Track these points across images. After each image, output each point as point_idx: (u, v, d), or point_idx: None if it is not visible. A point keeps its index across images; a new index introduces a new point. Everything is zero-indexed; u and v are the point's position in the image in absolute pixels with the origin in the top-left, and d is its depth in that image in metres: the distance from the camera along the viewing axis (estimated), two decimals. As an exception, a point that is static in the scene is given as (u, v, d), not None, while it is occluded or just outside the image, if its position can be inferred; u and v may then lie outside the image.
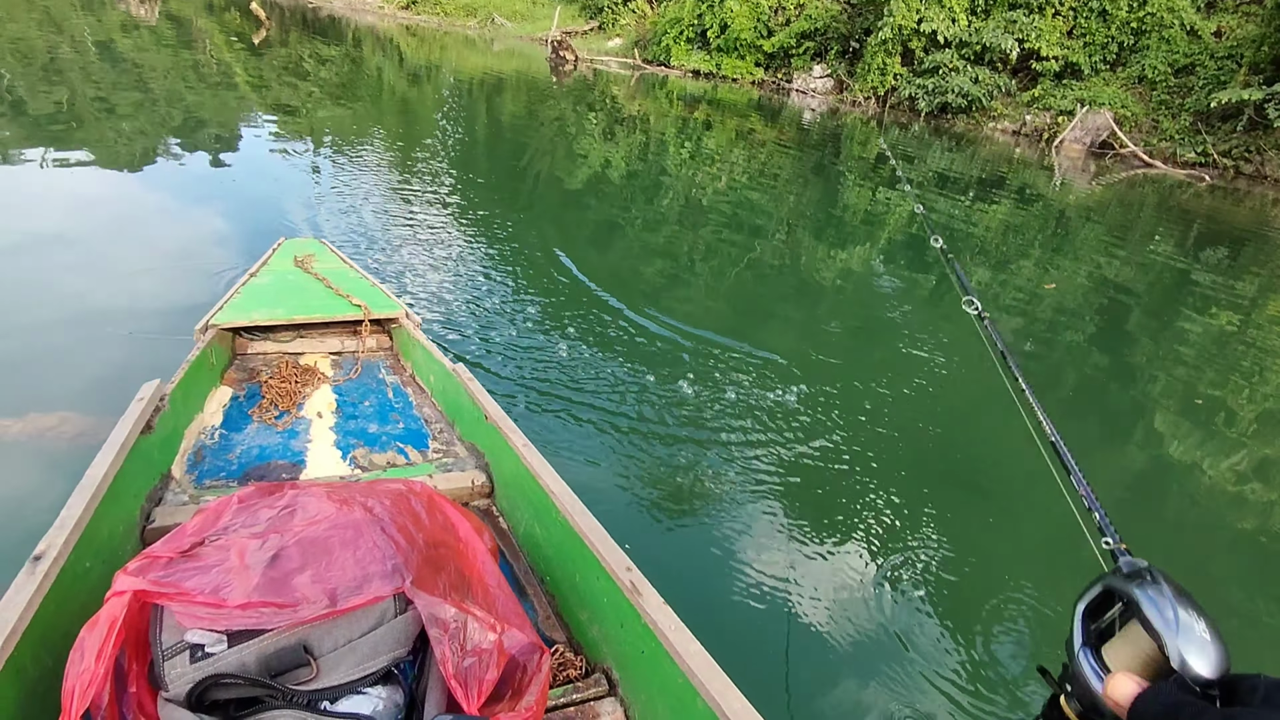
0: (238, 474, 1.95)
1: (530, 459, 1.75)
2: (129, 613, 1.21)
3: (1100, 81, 16.51)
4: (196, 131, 7.41)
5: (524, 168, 8.18)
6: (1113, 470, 3.44)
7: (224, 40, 15.17)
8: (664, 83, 19.22)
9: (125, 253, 4.25)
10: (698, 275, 5.32)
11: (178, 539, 1.33)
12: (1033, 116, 16.96)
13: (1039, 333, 5.04)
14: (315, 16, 24.29)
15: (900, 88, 17.93)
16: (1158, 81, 15.86)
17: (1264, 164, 14.07)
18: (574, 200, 7.06)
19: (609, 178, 8.20)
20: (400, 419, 2.36)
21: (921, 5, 16.73)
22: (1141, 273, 6.98)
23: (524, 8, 26.37)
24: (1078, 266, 6.89)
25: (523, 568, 1.75)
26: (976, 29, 16.83)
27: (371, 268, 4.32)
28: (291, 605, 1.17)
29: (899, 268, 6.24)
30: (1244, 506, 3.25)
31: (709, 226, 6.54)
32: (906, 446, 3.35)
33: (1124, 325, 5.46)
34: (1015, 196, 10.13)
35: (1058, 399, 4.12)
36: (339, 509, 1.26)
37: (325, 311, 2.71)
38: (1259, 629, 2.51)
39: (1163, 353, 5.02)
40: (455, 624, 1.09)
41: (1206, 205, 11.52)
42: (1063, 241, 8.01)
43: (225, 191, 5.66)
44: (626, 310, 4.44)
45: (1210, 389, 4.44)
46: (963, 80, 16.87)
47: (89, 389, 2.80)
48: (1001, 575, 2.58)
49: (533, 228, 6.00)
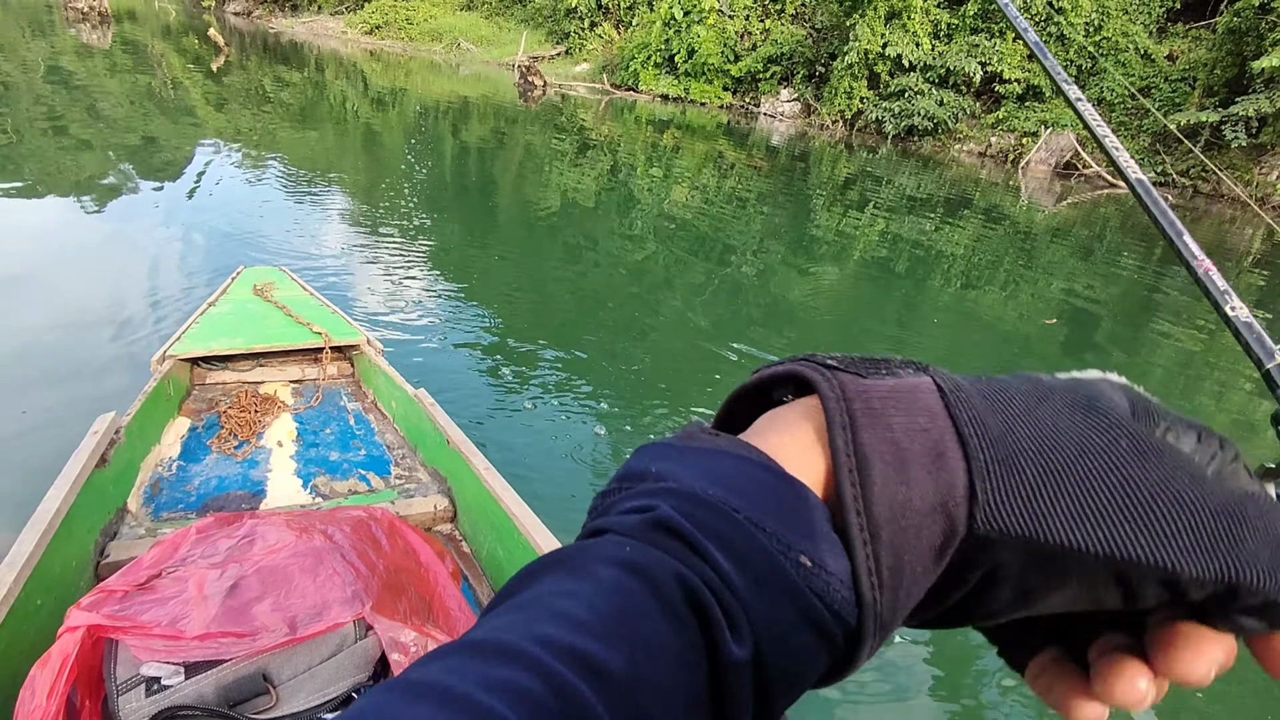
0: (196, 505, 1.96)
1: (492, 483, 1.78)
2: (82, 649, 1.21)
3: (1061, 104, 17.17)
4: (153, 159, 7.37)
5: (490, 193, 8.26)
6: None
7: (181, 66, 15.13)
8: (633, 107, 19.56)
9: (78, 284, 4.22)
10: (664, 299, 5.41)
11: (133, 572, 1.34)
12: (998, 138, 17.56)
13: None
14: (276, 42, 24.35)
15: (867, 111, 18.46)
16: (1116, 103, 16.57)
17: (1219, 183, 14.72)
18: (540, 226, 7.14)
19: (576, 202, 8.31)
20: (362, 446, 2.39)
21: (886, 29, 17.32)
22: (1108, 285, 7.25)
23: (490, 33, 26.71)
24: (1048, 285, 7.13)
25: (486, 591, 1.78)
26: (940, 52, 17.46)
27: (332, 295, 4.34)
28: (251, 634, 1.19)
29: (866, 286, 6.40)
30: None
31: (677, 250, 6.65)
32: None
33: (1093, 338, 5.66)
34: (983, 217, 10.45)
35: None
36: (299, 537, 1.29)
37: (285, 340, 2.73)
38: None
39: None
40: (416, 648, 1.12)
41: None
42: (1032, 260, 8.28)
43: (183, 220, 5.65)
44: (590, 335, 4.53)
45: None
46: (928, 103, 17.44)
47: (41, 424, 2.78)
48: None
49: (497, 253, 6.06)
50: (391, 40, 26.87)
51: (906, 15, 17.10)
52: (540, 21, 26.37)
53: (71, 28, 18.19)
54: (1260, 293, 7.91)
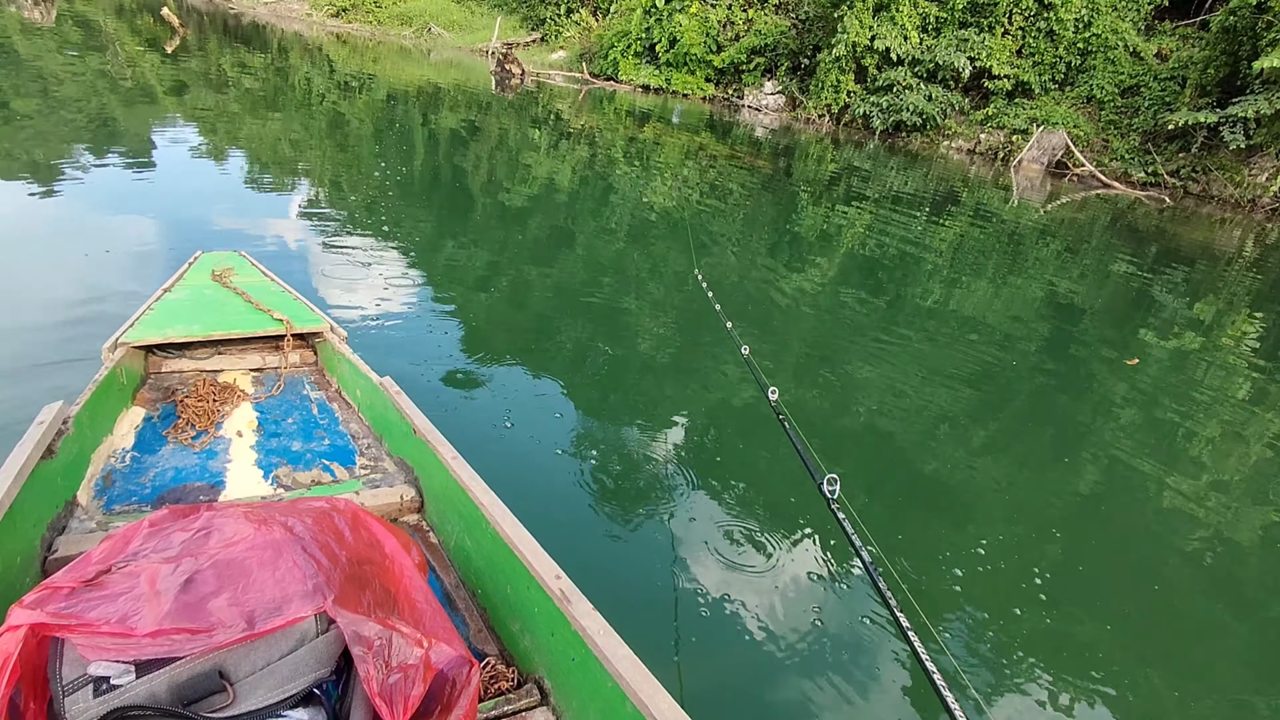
0: (151, 498, 1.94)
1: (460, 472, 1.79)
2: (25, 648, 1.20)
3: (1050, 101, 17.51)
4: (104, 141, 7.24)
5: (458, 181, 8.22)
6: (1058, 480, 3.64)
7: (134, 46, 14.88)
8: (612, 98, 19.58)
9: (24, 270, 4.14)
10: (638, 290, 5.43)
11: (81, 567, 1.33)
12: (987, 135, 17.85)
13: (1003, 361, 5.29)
14: (237, 23, 24.03)
15: (854, 105, 18.66)
16: (1105, 101, 16.91)
17: (1209, 184, 15.07)
18: (510, 215, 7.13)
19: (548, 191, 8.31)
20: (326, 436, 2.38)
21: (874, 22, 17.53)
22: (1096, 288, 7.40)
23: (462, 18, 26.61)
24: (1033, 285, 7.26)
25: (453, 581, 1.79)
26: (929, 46, 17.70)
27: (294, 281, 4.32)
28: (206, 630, 1.19)
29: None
30: (1197, 521, 3.48)
31: (654, 242, 6.68)
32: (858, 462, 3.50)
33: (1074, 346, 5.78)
34: (971, 216, 10.61)
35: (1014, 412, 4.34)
36: (257, 529, 1.29)
37: (245, 327, 2.71)
38: None
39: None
40: (379, 641, 1.13)
41: (1163, 225, 12.26)
42: (1021, 264, 8.42)
43: (137, 204, 5.55)
44: (561, 323, 4.58)
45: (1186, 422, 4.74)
46: (917, 98, 17.67)
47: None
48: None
49: (466, 241, 6.06)
50: (359, 24, 26.69)
51: (895, 7, 17.32)
52: (514, 7, 26.33)
53: (12, 4, 17.81)
54: (1256, 296, 8.10)
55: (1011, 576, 2.83)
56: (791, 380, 4.28)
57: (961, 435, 3.96)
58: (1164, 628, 2.73)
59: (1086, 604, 2.74)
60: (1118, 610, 2.74)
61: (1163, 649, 2.63)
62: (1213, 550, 3.26)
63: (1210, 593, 2.97)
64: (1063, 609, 2.69)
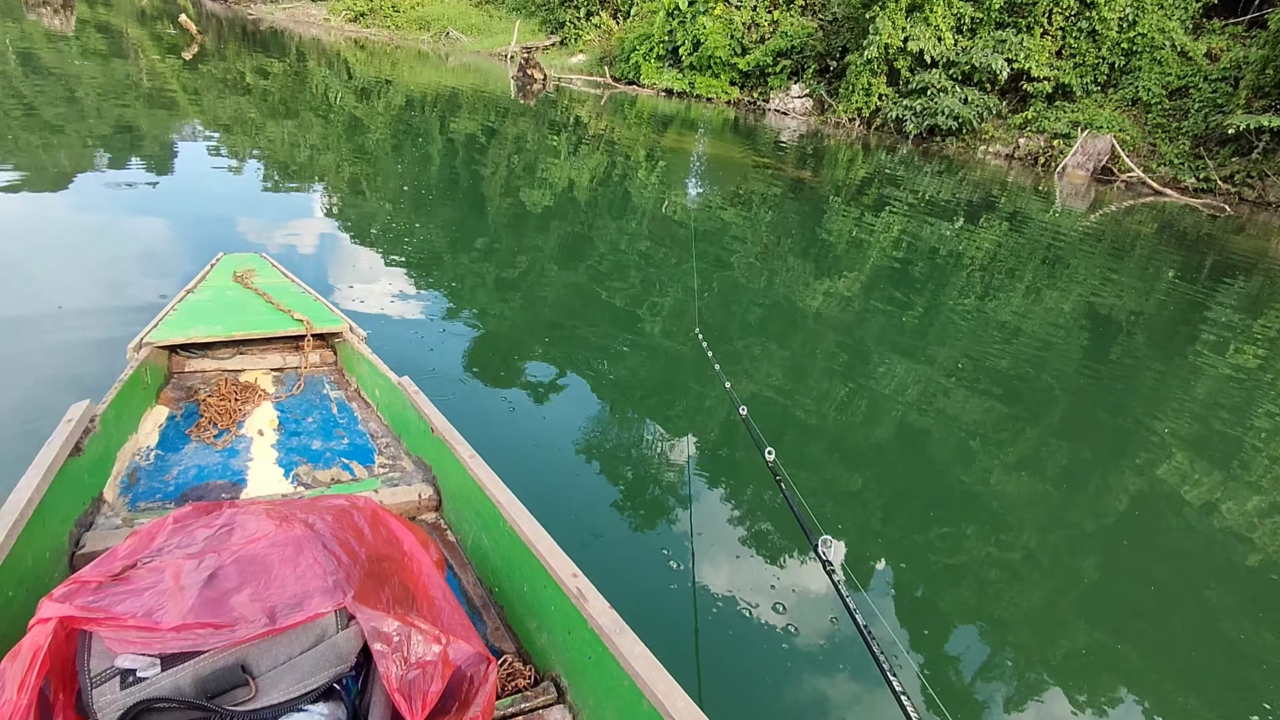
0: (174, 495, 2.02)
1: (477, 470, 1.86)
2: (54, 640, 1.27)
3: (1093, 104, 17.34)
4: (129, 146, 7.49)
5: (478, 185, 8.36)
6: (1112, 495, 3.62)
7: (153, 53, 15.32)
8: (634, 102, 19.74)
9: (53, 272, 4.31)
10: (658, 295, 5.49)
11: (108, 562, 1.40)
12: (1026, 139, 17.72)
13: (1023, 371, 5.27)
14: (255, 29, 24.61)
15: (886, 109, 18.63)
16: (1152, 104, 16.71)
17: (1266, 190, 14.81)
18: (531, 220, 7.24)
19: (569, 197, 8.42)
20: (345, 434, 2.47)
21: (907, 23, 17.52)
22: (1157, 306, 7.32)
23: (480, 21, 27.02)
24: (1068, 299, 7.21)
25: (471, 579, 1.85)
26: (964, 48, 17.65)
27: (314, 282, 4.46)
28: (229, 625, 1.25)
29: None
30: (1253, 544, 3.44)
31: (675, 248, 6.74)
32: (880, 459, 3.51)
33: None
34: (1008, 222, 10.56)
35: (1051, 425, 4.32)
36: (279, 526, 1.35)
37: (266, 327, 2.82)
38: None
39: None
40: (398, 637, 1.18)
41: (1214, 233, 12.09)
42: (1060, 269, 8.36)
43: (161, 207, 5.76)
44: (580, 326, 4.68)
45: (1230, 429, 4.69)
46: (952, 101, 17.60)
47: (13, 414, 2.84)
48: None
49: (486, 244, 6.17)
50: (377, 28, 27.20)
51: (929, 8, 17.29)
52: (533, 10, 26.68)
53: (32, 13, 18.44)
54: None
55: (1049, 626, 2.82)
56: (812, 399, 4.31)
57: (1002, 465, 3.95)
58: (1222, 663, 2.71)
59: (1123, 664, 2.71)
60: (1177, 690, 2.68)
61: (1217, 682, 2.60)
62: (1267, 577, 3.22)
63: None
64: (1092, 646, 2.67)
